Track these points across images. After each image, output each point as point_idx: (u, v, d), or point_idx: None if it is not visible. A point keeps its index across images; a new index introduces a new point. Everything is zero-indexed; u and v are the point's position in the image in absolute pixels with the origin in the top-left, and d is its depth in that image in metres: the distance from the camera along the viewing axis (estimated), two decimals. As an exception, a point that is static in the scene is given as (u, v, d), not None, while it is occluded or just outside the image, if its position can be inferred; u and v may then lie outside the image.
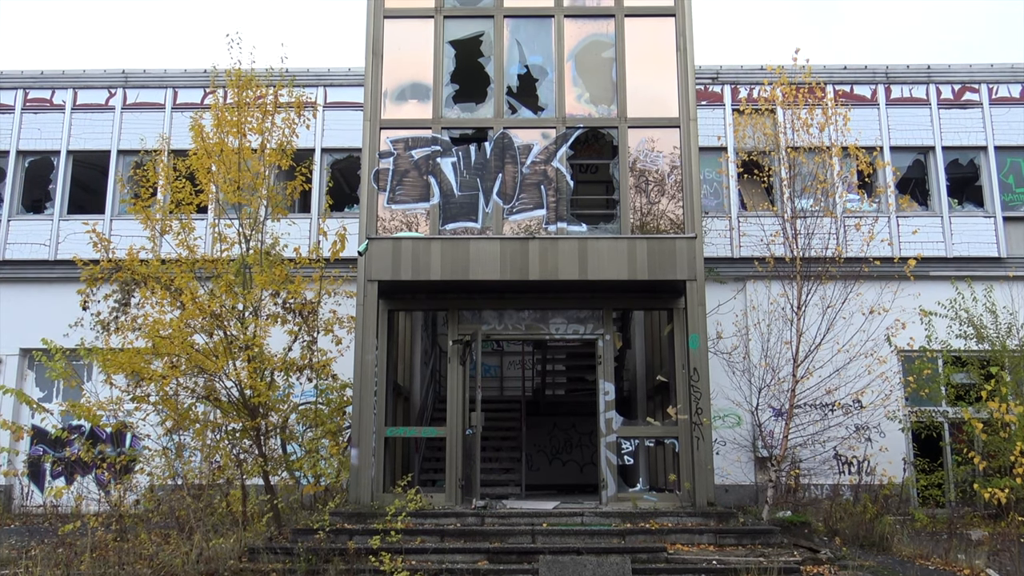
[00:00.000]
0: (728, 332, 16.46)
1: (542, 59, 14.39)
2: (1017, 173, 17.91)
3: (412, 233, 13.38)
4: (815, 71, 16.29)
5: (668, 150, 13.88)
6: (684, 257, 12.88)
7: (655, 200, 13.82)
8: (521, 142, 13.90)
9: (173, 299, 12.92)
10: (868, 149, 16.04)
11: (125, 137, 18.32)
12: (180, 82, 18.48)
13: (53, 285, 17.40)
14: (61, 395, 17.17)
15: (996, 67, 18.15)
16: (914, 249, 16.70)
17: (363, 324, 13.04)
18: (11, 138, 18.45)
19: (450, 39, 14.41)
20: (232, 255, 13.58)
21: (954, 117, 18.04)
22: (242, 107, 13.86)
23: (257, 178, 13.68)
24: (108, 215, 17.96)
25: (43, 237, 17.97)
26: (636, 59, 14.22)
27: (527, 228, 13.57)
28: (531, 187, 13.73)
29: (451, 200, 13.73)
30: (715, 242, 17.20)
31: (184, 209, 13.60)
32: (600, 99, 14.21)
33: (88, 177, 18.99)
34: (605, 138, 14.26)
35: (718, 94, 18.12)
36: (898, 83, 18.14)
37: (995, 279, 16.69)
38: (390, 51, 14.25)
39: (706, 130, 17.23)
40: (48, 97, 18.61)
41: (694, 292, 12.93)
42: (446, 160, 13.85)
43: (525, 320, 13.65)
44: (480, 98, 14.31)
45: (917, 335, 15.65)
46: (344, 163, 18.54)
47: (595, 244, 12.92)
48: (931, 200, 17.89)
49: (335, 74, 18.34)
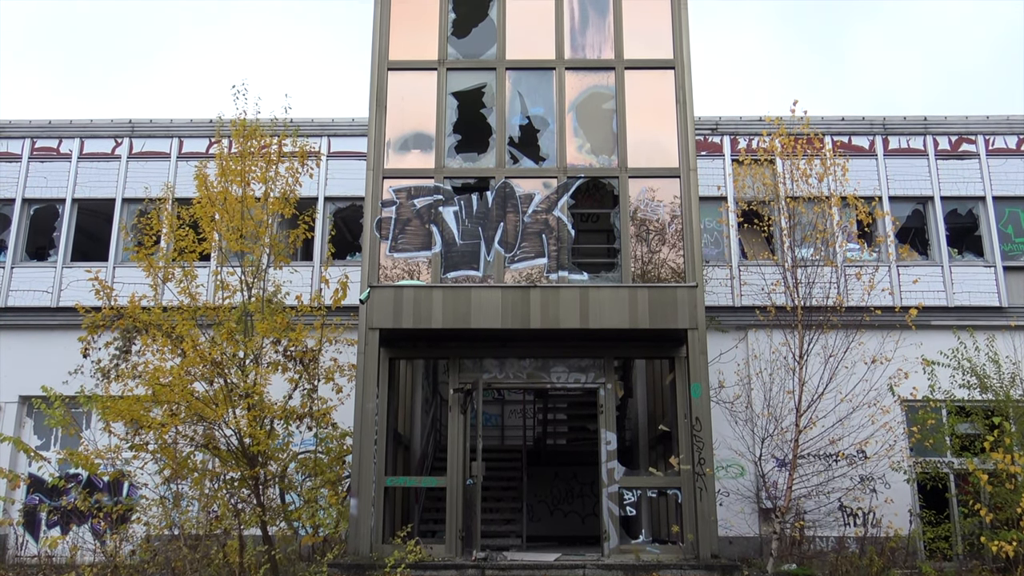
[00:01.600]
0: (730, 381, 16.40)
1: (543, 110, 14.58)
2: (1016, 223, 18.01)
3: (414, 281, 13.42)
4: (813, 122, 16.50)
5: (668, 199, 13.99)
6: (685, 306, 12.89)
7: (656, 249, 13.88)
8: (523, 191, 14.01)
9: (174, 347, 12.90)
10: (867, 199, 16.16)
11: (130, 186, 18.49)
12: (185, 132, 18.71)
13: (55, 332, 17.40)
14: (59, 443, 17.05)
15: (992, 119, 18.36)
16: (915, 298, 16.73)
17: (364, 372, 13.00)
18: (17, 186, 18.63)
19: (453, 90, 14.62)
20: (234, 303, 13.59)
21: (952, 168, 18.20)
22: (246, 156, 14.01)
23: (260, 226, 13.76)
24: (111, 263, 18.03)
25: (46, 284, 18.02)
26: (636, 110, 14.40)
27: (529, 276, 13.61)
28: (532, 236, 13.80)
29: (453, 249, 13.79)
30: (716, 291, 17.24)
31: (187, 257, 13.66)
32: (601, 149, 14.36)
33: (92, 225, 19.12)
34: (606, 188, 14.38)
35: (717, 145, 18.32)
36: (895, 134, 18.34)
37: (996, 328, 16.66)
38: (393, 102, 14.45)
39: (706, 180, 17.38)
40: (55, 146, 18.83)
41: (696, 341, 12.91)
42: (448, 209, 13.95)
43: (526, 369, 13.61)
44: (482, 148, 14.46)
45: (920, 385, 15.57)
46: (347, 212, 18.67)
47: (596, 293, 12.94)
48: (931, 250, 17.96)
49: (339, 124, 18.57)
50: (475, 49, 14.90)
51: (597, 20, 14.95)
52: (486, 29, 14.98)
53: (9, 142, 18.86)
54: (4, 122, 18.95)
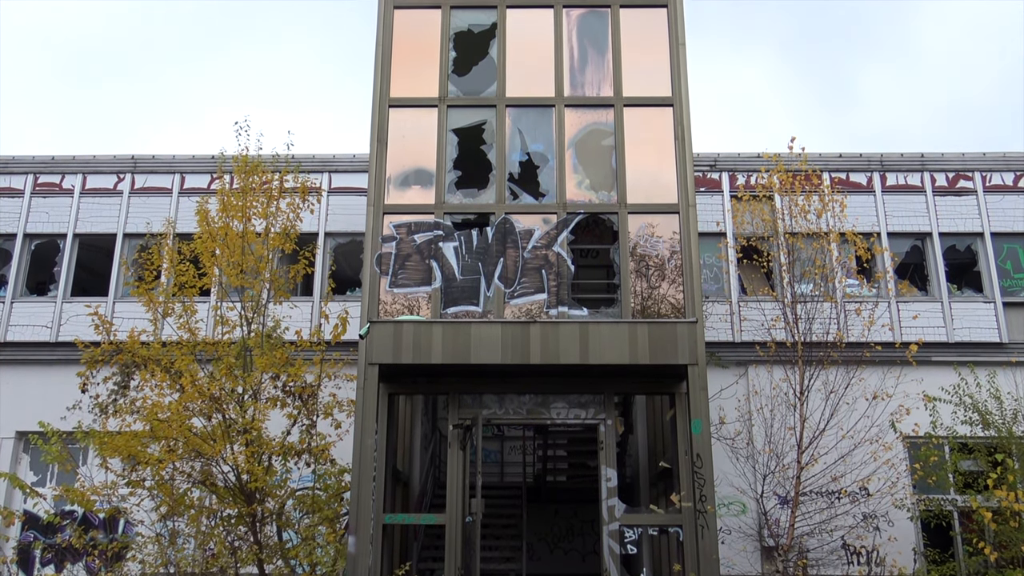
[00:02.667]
0: (731, 417, 16.31)
1: (543, 146, 14.69)
2: (1014, 259, 18.05)
3: (413, 316, 13.42)
4: (811, 159, 16.61)
5: (668, 235, 14.04)
6: (685, 341, 12.87)
7: (656, 284, 13.90)
8: (522, 227, 14.06)
9: (173, 382, 12.86)
10: (866, 235, 16.22)
11: (131, 221, 18.55)
12: (188, 168, 18.81)
13: (53, 367, 17.34)
14: (55, 479, 16.90)
15: (989, 156, 18.49)
16: (915, 334, 16.70)
17: (363, 407, 12.94)
18: (19, 221, 18.69)
19: (453, 127, 14.75)
20: (233, 338, 13.59)
21: (950, 204, 18.28)
22: (248, 192, 14.09)
23: (260, 262, 13.79)
24: (111, 297, 18.03)
25: (45, 319, 18.00)
26: (635, 147, 14.52)
27: (528, 312, 13.61)
28: (532, 271, 13.83)
29: (453, 284, 13.81)
30: (716, 326, 17.22)
31: (187, 292, 13.67)
32: (600, 185, 14.44)
33: (93, 260, 19.15)
34: (605, 223, 14.44)
35: (716, 181, 18.42)
36: (893, 170, 18.46)
37: (997, 365, 16.61)
38: (394, 138, 14.57)
39: (705, 216, 17.46)
40: (58, 182, 18.94)
41: (696, 377, 12.87)
42: (448, 245, 13.99)
43: (526, 404, 13.56)
44: (482, 184, 14.55)
45: (922, 421, 15.48)
46: (347, 247, 18.72)
47: (596, 328, 12.93)
48: (930, 285, 17.98)
49: (340, 160, 18.69)
50: (475, 86, 15.06)
51: (596, 58, 15.13)
52: (486, 67, 15.15)
53: (12, 177, 18.95)
54: (7, 158, 19.07)
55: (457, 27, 15.37)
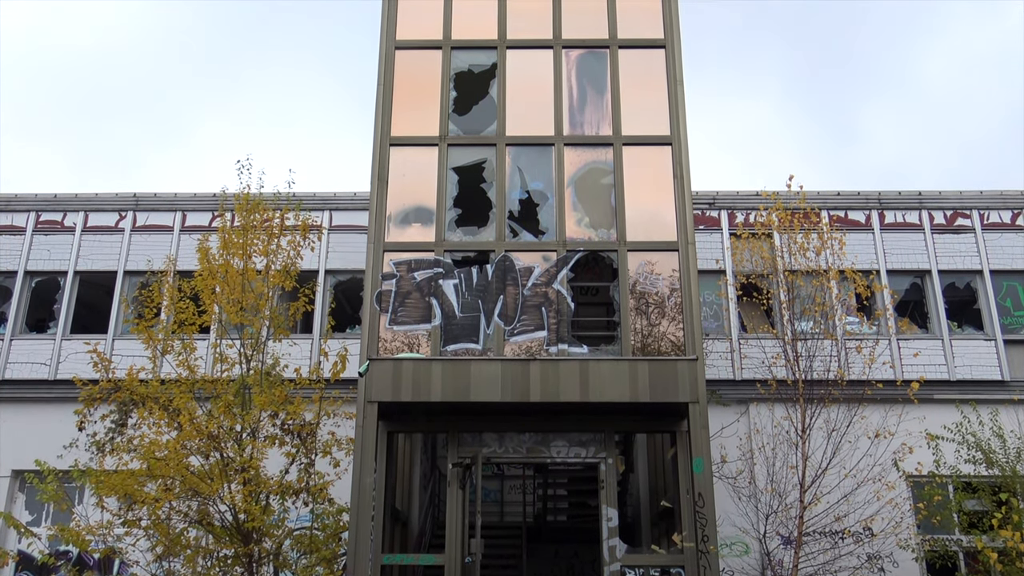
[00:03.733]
0: (732, 456, 16.20)
1: (543, 185, 14.78)
2: (1014, 296, 18.06)
3: (413, 354, 13.39)
4: (809, 197, 16.70)
5: (667, 273, 14.06)
6: (686, 379, 12.82)
7: (656, 322, 13.89)
8: (522, 265, 14.09)
9: (171, 420, 12.80)
10: (865, 272, 16.25)
11: (132, 258, 18.60)
12: (189, 206, 18.91)
13: (51, 405, 17.25)
14: (50, 519, 16.73)
15: (986, 194, 18.59)
16: (916, 372, 16.65)
17: (362, 445, 12.85)
18: (20, 259, 18.73)
19: (453, 166, 14.85)
20: (232, 375, 13.54)
21: (948, 242, 18.34)
22: (249, 230, 14.15)
23: (260, 299, 13.80)
24: (110, 335, 18.01)
25: (44, 357, 17.96)
26: (634, 185, 14.60)
27: (528, 350, 13.58)
28: (532, 309, 13.83)
29: (453, 322, 13.80)
30: (716, 364, 17.17)
31: (187, 329, 13.66)
32: (600, 223, 14.50)
33: (93, 297, 19.16)
34: (605, 261, 14.47)
35: (715, 219, 18.50)
36: (891, 209, 18.55)
37: (1000, 403, 16.54)
38: (395, 177, 14.66)
39: (704, 253, 17.51)
40: (59, 219, 19.02)
41: (697, 415, 12.80)
42: (448, 282, 14.01)
43: (526, 443, 13.47)
44: (482, 222, 14.61)
45: (925, 460, 15.36)
46: (347, 284, 18.74)
47: (596, 366, 12.89)
48: (930, 323, 17.96)
49: (340, 198, 18.79)
50: (476, 125, 15.19)
51: (595, 98, 15.28)
52: (486, 106, 15.30)
53: (14, 215, 19.05)
54: (10, 196, 19.18)
55: (458, 67, 15.56)
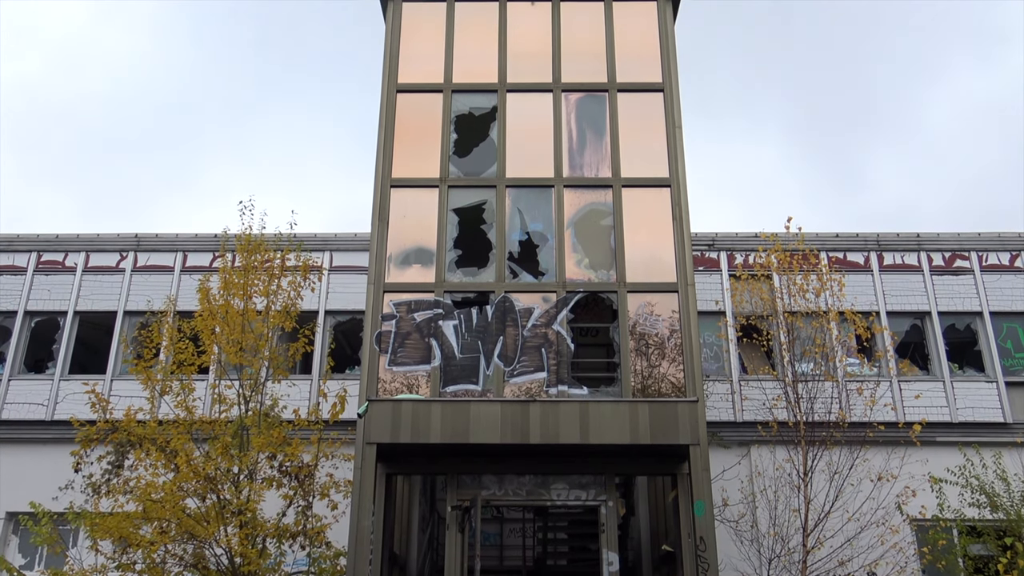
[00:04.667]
0: (734, 499, 16.04)
1: (543, 226, 14.85)
2: (1015, 338, 18.04)
3: (412, 395, 13.33)
4: (808, 238, 16.78)
5: (667, 314, 14.06)
6: (686, 421, 12.75)
7: (656, 363, 13.86)
8: (522, 306, 14.11)
9: (168, 461, 12.70)
10: (864, 314, 16.24)
11: (132, 299, 18.61)
12: (190, 246, 18.97)
13: (47, 446, 17.12)
14: (44, 562, 16.50)
15: (984, 236, 18.66)
16: (918, 414, 16.56)
17: (360, 488, 12.73)
18: (20, 299, 18.74)
19: (454, 207, 14.94)
20: (231, 416, 13.47)
21: (947, 283, 18.37)
22: (250, 270, 14.18)
23: (260, 340, 13.79)
24: (109, 375, 17.94)
25: (42, 397, 17.88)
26: (634, 226, 14.68)
27: (528, 391, 13.53)
28: (532, 350, 13.81)
29: (452, 362, 13.77)
30: (717, 406, 17.09)
31: (185, 370, 13.62)
32: (599, 264, 14.54)
33: (92, 337, 19.14)
34: (605, 302, 14.48)
35: (714, 260, 18.55)
36: (889, 250, 18.60)
37: (1003, 445, 16.43)
38: (395, 218, 14.75)
39: (704, 295, 17.52)
40: (60, 259, 19.07)
41: (698, 457, 12.71)
42: (448, 323, 14.01)
43: (526, 485, 13.35)
44: (482, 263, 14.65)
45: (928, 503, 15.22)
46: (347, 325, 18.73)
47: (596, 407, 12.83)
48: (931, 365, 17.92)
49: (341, 239, 18.86)
50: (476, 167, 15.32)
51: (594, 140, 15.43)
52: (487, 148, 15.45)
53: (15, 255, 19.09)
54: (11, 236, 19.25)
55: (458, 110, 15.74)
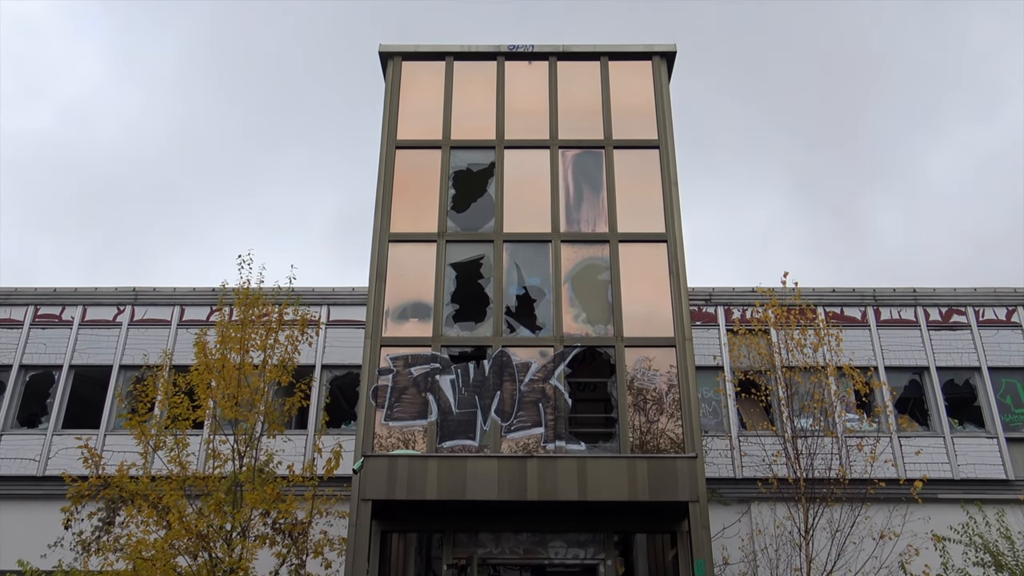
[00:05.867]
0: (735, 557, 15.79)
1: (540, 281, 14.90)
2: (1014, 393, 17.96)
3: (409, 451, 13.21)
4: (804, 293, 16.81)
5: (665, 369, 14.03)
6: (685, 477, 12.62)
7: (654, 419, 13.78)
8: (519, 360, 14.07)
9: (160, 518, 12.52)
10: (863, 369, 16.19)
11: (128, 352, 18.53)
12: (188, 300, 18.96)
13: (38, 503, 16.87)
14: (30, 623, 16.13)
15: (979, 291, 18.72)
16: (919, 471, 16.40)
17: (355, 546, 12.54)
18: (16, 353, 18.66)
19: (452, 261, 15.01)
20: (225, 472, 13.32)
21: (945, 338, 18.36)
22: (247, 324, 14.16)
23: (256, 394, 13.71)
24: (102, 430, 17.78)
25: (34, 452, 17.68)
26: (631, 281, 14.73)
27: (525, 446, 13.42)
28: (529, 405, 13.73)
29: (449, 417, 13.68)
30: (716, 462, 16.92)
31: (180, 425, 13.51)
32: (597, 319, 14.54)
33: (87, 391, 19.00)
34: (602, 356, 14.45)
35: (712, 315, 18.56)
36: (886, 305, 18.62)
37: (1006, 503, 16.22)
38: (393, 272, 14.80)
39: (702, 349, 17.48)
40: (57, 313, 19.04)
41: (697, 514, 12.54)
42: (445, 378, 13.95)
43: (523, 543, 13.15)
44: (479, 317, 14.66)
45: (932, 562, 14.97)
46: (344, 379, 18.63)
47: (594, 463, 12.71)
48: (931, 420, 17.80)
49: (339, 293, 18.88)
50: (474, 222, 15.43)
51: (591, 196, 15.57)
52: (484, 204, 15.58)
53: (12, 309, 19.07)
54: (9, 289, 19.25)
55: (456, 166, 15.92)
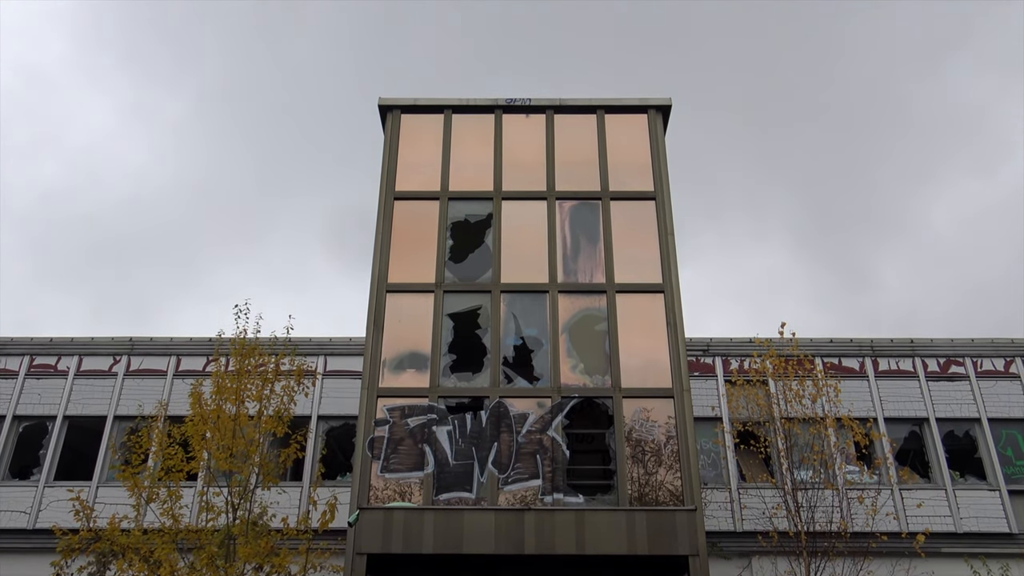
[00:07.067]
0: (736, 613, 15.52)
1: (537, 331, 14.89)
2: (1014, 445, 17.83)
3: (405, 503, 13.06)
4: (802, 344, 16.79)
5: (663, 420, 13.95)
6: (685, 530, 12.47)
7: (652, 470, 13.65)
8: (516, 411, 13.99)
9: (151, 572, 12.31)
10: (862, 420, 16.09)
11: (123, 403, 18.40)
12: (184, 350, 18.89)
13: (27, 556, 16.57)
14: None
15: (977, 342, 18.70)
16: (921, 524, 16.20)
17: (349, 602, 12.32)
18: (10, 403, 18.52)
19: (449, 312, 15.02)
20: (218, 525, 13.14)
21: (944, 389, 18.29)
22: (243, 375, 14.11)
23: (251, 445, 13.59)
24: (95, 481, 17.55)
25: (25, 504, 17.44)
26: (629, 331, 14.72)
27: (523, 499, 13.27)
28: (527, 456, 13.61)
29: (446, 469, 13.55)
30: (716, 515, 16.72)
31: (174, 476, 13.37)
32: (594, 369, 14.51)
33: (80, 442, 18.81)
34: (600, 407, 14.38)
35: (710, 365, 18.51)
36: (884, 356, 18.58)
37: (1010, 556, 16.01)
38: (391, 322, 14.79)
39: (700, 400, 17.40)
40: (53, 363, 18.96)
41: (698, 568, 12.36)
42: (442, 429, 13.86)
43: (520, 598, 12.92)
44: (477, 368, 14.61)
45: (937, 618, 14.75)
46: (340, 430, 18.49)
47: (592, 516, 12.56)
48: (932, 472, 17.64)
49: (336, 344, 18.82)
50: (471, 272, 15.48)
51: (588, 247, 15.66)
52: (482, 254, 15.64)
53: (8, 359, 18.99)
54: (5, 340, 19.19)
55: (454, 217, 16.03)
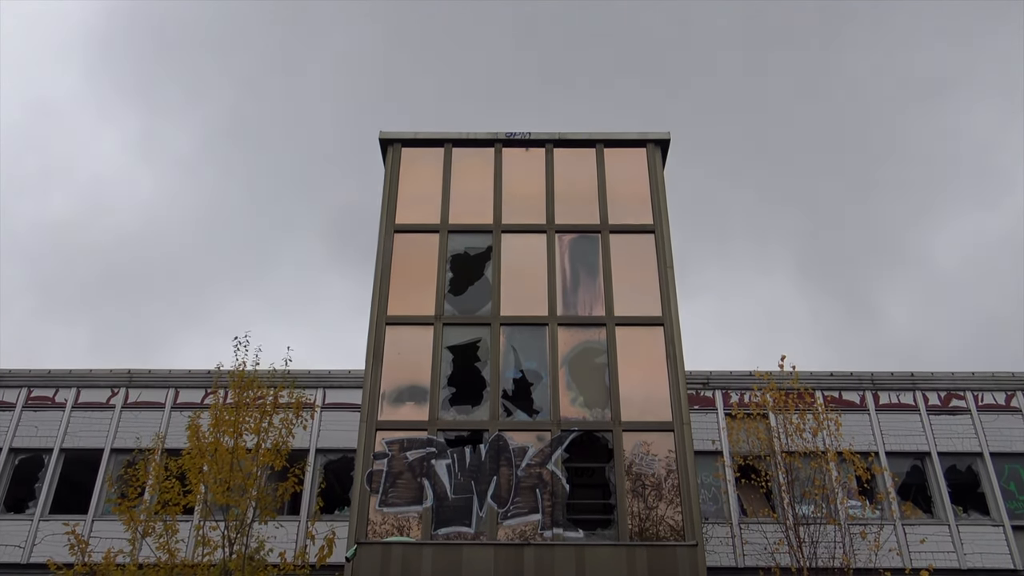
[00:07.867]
0: (738, 651, 15.31)
1: (537, 364, 14.86)
2: (1017, 479, 17.71)
3: (403, 538, 12.94)
4: (802, 377, 16.75)
5: (663, 453, 13.87)
6: (686, 566, 12.34)
7: (653, 505, 13.55)
8: (516, 444, 13.91)
9: (145, 608, 12.17)
10: (863, 454, 16.00)
11: (120, 436, 18.30)
12: (183, 382, 18.84)
13: (20, 591, 16.41)
14: None
15: (978, 375, 18.65)
16: (925, 559, 16.04)
17: (345, 639, 12.15)
18: (6, 436, 18.41)
19: (448, 344, 14.99)
20: (214, 559, 13.01)
21: (945, 423, 18.20)
22: (241, 407, 14.06)
23: (248, 479, 13.51)
24: (90, 515, 17.39)
25: (19, 539, 17.26)
26: (628, 364, 14.69)
27: (522, 533, 13.15)
28: (526, 490, 13.52)
29: (444, 503, 13.44)
30: (717, 550, 16.56)
31: (170, 510, 13.27)
32: (594, 402, 14.45)
33: (77, 474, 18.67)
34: (600, 441, 14.30)
35: (710, 399, 18.45)
36: (884, 389, 18.53)
37: (1015, 593, 15.83)
38: (390, 355, 14.76)
39: (700, 434, 17.30)
40: (51, 395, 18.88)
41: (698, 605, 12.22)
42: (441, 462, 13.77)
43: (519, 635, 12.74)
44: (476, 401, 14.56)
45: (942, 656, 14.55)
46: (338, 464, 18.36)
47: (593, 551, 12.44)
48: (934, 507, 17.50)
49: (335, 376, 18.77)
50: (471, 305, 15.48)
51: (587, 280, 15.68)
52: (481, 287, 15.66)
53: (5, 391, 18.92)
54: (4, 371, 19.13)
55: (454, 250, 16.07)
